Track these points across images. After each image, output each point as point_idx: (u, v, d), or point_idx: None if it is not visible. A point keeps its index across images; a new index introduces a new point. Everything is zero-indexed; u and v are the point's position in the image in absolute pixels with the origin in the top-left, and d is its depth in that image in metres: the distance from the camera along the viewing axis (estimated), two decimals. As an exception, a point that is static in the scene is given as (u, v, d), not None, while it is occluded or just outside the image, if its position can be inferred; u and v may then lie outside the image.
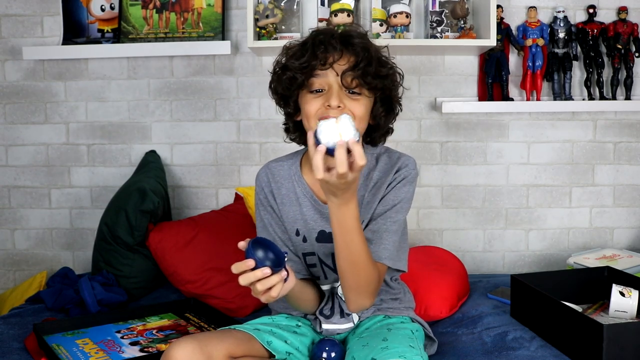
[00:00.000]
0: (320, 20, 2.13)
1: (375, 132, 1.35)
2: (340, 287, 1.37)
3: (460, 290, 1.85)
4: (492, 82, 2.19)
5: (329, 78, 1.24)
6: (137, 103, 2.30)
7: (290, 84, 1.28)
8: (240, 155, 2.31)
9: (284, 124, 1.39)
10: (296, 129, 1.37)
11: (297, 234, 1.38)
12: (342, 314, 1.40)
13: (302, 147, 1.43)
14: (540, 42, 2.17)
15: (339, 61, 1.24)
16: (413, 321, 1.43)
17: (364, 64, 1.23)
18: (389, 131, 1.37)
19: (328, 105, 1.23)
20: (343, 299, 1.37)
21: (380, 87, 1.27)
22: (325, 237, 1.36)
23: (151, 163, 2.22)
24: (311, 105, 1.26)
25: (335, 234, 1.18)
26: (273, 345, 1.28)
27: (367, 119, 1.30)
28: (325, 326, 1.40)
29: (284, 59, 1.31)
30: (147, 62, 2.28)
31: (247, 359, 1.23)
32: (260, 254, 1.13)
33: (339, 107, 1.23)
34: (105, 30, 2.27)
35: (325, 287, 1.42)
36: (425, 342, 1.41)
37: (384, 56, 1.31)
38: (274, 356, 1.28)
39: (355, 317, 1.41)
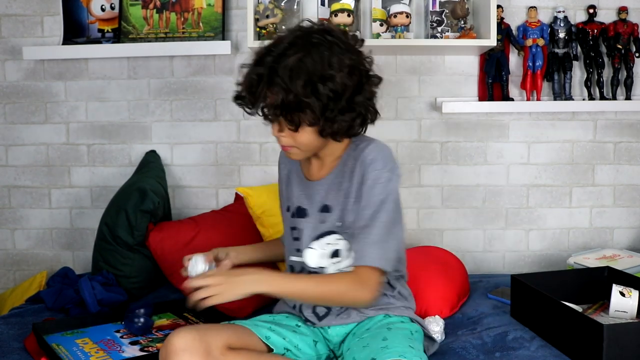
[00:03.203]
0: (321, 20, 2.13)
1: (339, 135, 1.33)
2: None
3: (461, 290, 1.85)
4: (492, 82, 2.19)
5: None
6: (137, 103, 2.30)
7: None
8: (240, 155, 2.31)
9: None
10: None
11: (288, 209, 1.49)
12: (333, 313, 1.41)
13: None
14: (541, 42, 2.17)
15: (268, 99, 1.28)
16: (412, 321, 1.43)
17: (283, 105, 1.25)
18: (366, 120, 1.38)
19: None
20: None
21: (312, 117, 1.27)
22: (300, 212, 1.44)
23: (151, 163, 2.22)
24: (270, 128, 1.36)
25: (294, 296, 1.38)
26: (271, 340, 1.30)
27: (319, 140, 1.33)
28: (321, 323, 1.41)
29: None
30: (147, 62, 2.28)
31: (246, 351, 1.24)
32: None
33: (282, 135, 1.33)
34: (105, 30, 2.27)
35: (298, 259, 1.44)
36: (425, 343, 1.41)
37: (328, 65, 1.25)
38: (272, 350, 1.29)
39: (354, 315, 1.41)
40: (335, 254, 1.39)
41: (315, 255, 1.40)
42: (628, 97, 2.19)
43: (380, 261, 1.30)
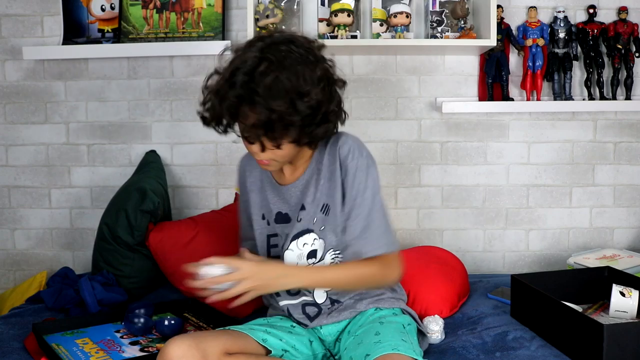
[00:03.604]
0: (321, 20, 2.14)
1: (314, 142, 1.34)
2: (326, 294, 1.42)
3: (461, 290, 1.85)
4: (492, 82, 2.19)
5: (242, 127, 1.29)
6: (137, 103, 2.30)
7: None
8: (240, 155, 2.29)
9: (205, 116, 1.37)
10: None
11: (263, 217, 1.47)
12: (324, 313, 1.41)
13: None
14: (541, 42, 2.17)
15: (247, 118, 1.24)
16: (404, 312, 1.44)
17: (264, 125, 1.22)
18: (336, 123, 1.36)
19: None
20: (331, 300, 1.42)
21: (295, 134, 1.26)
22: (281, 217, 1.43)
23: (151, 163, 2.22)
24: (246, 147, 1.35)
25: (333, 287, 1.39)
26: (268, 342, 1.31)
27: (296, 149, 1.33)
28: (312, 323, 1.42)
29: (209, 96, 1.32)
30: (147, 62, 2.28)
31: (243, 356, 1.24)
32: None
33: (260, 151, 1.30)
34: (105, 30, 2.27)
35: None
36: (417, 337, 1.43)
37: (304, 83, 1.23)
38: (270, 352, 1.29)
39: (346, 313, 1.41)
40: (312, 254, 1.39)
41: (293, 256, 1.40)
42: (628, 97, 2.19)
43: (392, 246, 1.36)
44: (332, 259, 1.39)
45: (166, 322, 1.57)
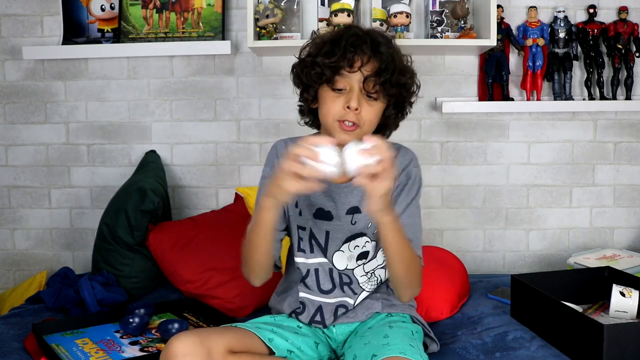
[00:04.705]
0: (321, 20, 2.13)
1: (383, 129, 1.40)
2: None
3: (461, 291, 1.85)
4: (493, 82, 2.19)
5: (352, 79, 1.29)
6: (137, 103, 2.30)
7: (317, 78, 1.31)
8: (240, 155, 2.31)
9: (299, 105, 1.42)
10: (310, 113, 1.41)
11: (297, 205, 1.42)
12: (344, 314, 1.41)
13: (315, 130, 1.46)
14: (541, 42, 2.17)
15: (365, 66, 1.28)
16: (414, 321, 1.43)
17: (387, 73, 1.29)
18: (396, 127, 1.44)
19: (347, 107, 1.27)
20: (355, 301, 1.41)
21: (396, 95, 1.32)
22: (323, 214, 1.40)
23: (151, 163, 2.22)
24: (333, 104, 1.30)
25: (391, 244, 1.24)
26: (274, 342, 1.30)
27: (378, 121, 1.35)
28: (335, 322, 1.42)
29: (313, 50, 1.33)
30: (147, 62, 2.28)
31: (247, 355, 1.24)
32: None
33: (356, 109, 1.27)
34: (105, 30, 2.27)
35: (308, 261, 1.42)
36: (426, 341, 1.42)
37: (407, 64, 1.36)
38: (274, 353, 1.29)
39: (360, 315, 1.42)
40: (362, 256, 1.41)
41: (343, 257, 1.41)
42: (628, 97, 2.19)
43: (422, 260, 1.38)
44: (383, 259, 1.41)
45: (169, 326, 1.56)
